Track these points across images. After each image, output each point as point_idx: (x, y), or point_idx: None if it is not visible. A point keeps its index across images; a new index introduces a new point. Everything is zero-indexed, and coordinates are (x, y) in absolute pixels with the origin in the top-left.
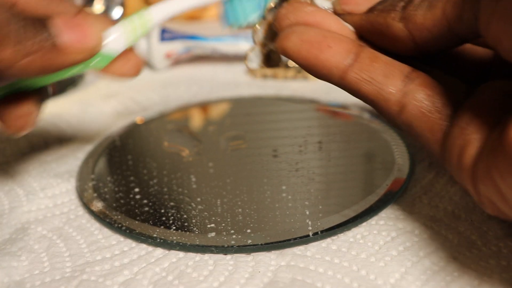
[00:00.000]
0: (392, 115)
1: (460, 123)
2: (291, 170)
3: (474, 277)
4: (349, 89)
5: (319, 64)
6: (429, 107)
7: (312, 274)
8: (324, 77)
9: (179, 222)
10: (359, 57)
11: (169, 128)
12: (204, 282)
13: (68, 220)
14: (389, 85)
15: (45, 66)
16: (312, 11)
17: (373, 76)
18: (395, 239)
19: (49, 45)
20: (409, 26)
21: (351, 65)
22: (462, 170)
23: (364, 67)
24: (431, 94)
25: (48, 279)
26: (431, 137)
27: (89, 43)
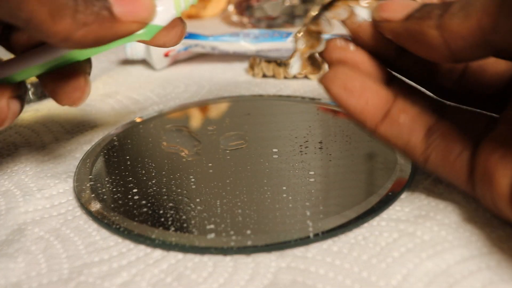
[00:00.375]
0: (420, 164)
1: (482, 160)
2: (291, 170)
3: (476, 279)
4: (381, 139)
5: (356, 112)
6: (450, 156)
7: (313, 276)
8: (358, 124)
9: (178, 223)
10: (390, 113)
11: (168, 128)
12: (203, 284)
13: (65, 221)
14: (414, 139)
15: (100, 37)
16: (355, 51)
17: (400, 131)
18: (397, 240)
19: (106, 15)
20: (444, 34)
21: (382, 120)
22: (499, 198)
23: (394, 122)
24: (451, 143)
25: (45, 281)
26: (457, 180)
27: (143, 14)
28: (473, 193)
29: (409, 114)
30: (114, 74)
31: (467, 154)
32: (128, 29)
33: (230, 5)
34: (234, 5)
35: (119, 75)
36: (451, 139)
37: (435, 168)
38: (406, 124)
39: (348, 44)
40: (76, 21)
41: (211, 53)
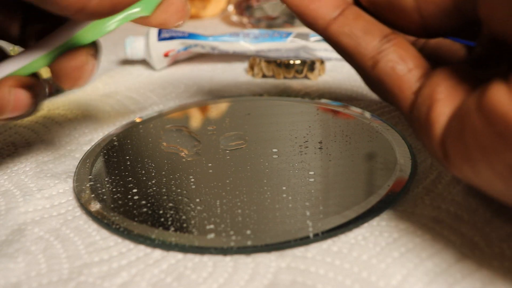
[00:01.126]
0: (366, 70)
1: (431, 83)
2: (291, 170)
3: (476, 278)
4: (330, 41)
5: (308, 13)
6: (400, 66)
7: (313, 276)
8: (310, 26)
9: (178, 223)
10: (344, 13)
11: (168, 128)
12: (203, 284)
13: (65, 221)
14: (366, 41)
15: (113, 6)
16: None
17: (353, 31)
18: (397, 240)
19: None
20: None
21: (335, 18)
22: (431, 129)
23: (347, 22)
24: (404, 55)
25: (45, 281)
26: (400, 94)
27: None
28: (409, 120)
29: (365, 17)
30: (114, 74)
31: (419, 73)
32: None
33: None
34: (234, 5)
35: (119, 75)
36: (407, 50)
37: (381, 76)
38: (360, 24)
39: None
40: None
41: (211, 53)
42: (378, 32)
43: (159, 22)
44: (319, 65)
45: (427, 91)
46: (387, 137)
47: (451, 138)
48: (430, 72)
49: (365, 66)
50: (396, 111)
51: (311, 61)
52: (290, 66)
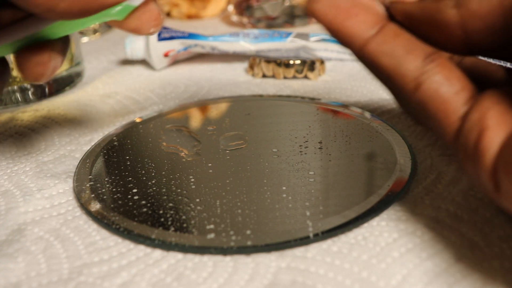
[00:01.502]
0: (407, 92)
1: (480, 108)
2: (291, 170)
3: (477, 278)
4: (368, 61)
5: (344, 30)
6: (446, 89)
7: (313, 276)
8: (346, 44)
9: (178, 223)
10: (383, 30)
11: (168, 128)
12: (203, 284)
13: (65, 221)
14: (408, 61)
15: (84, 9)
16: None
17: (394, 49)
18: (397, 240)
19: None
20: (462, 12)
21: (373, 36)
22: (480, 158)
23: (387, 39)
24: (450, 76)
25: (45, 281)
26: (445, 119)
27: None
28: (455, 148)
29: (406, 36)
30: (114, 74)
31: (466, 96)
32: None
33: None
34: (234, 5)
35: (119, 75)
36: (452, 71)
37: (424, 100)
38: (401, 43)
39: None
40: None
41: (211, 53)
42: (420, 51)
43: (132, 28)
44: (319, 65)
45: (476, 116)
46: (387, 137)
47: (504, 168)
48: (478, 95)
49: (406, 88)
50: (396, 111)
51: (311, 61)
52: (290, 66)
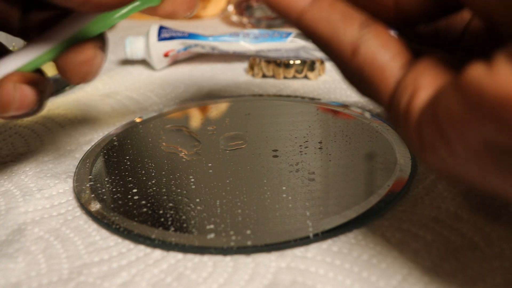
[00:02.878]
0: (345, 59)
1: (414, 71)
2: (291, 170)
3: (477, 278)
4: (306, 30)
5: (282, 2)
6: (381, 54)
7: (313, 276)
8: (285, 15)
9: (178, 223)
10: (319, 0)
11: (168, 128)
12: (203, 284)
13: (65, 221)
14: (344, 28)
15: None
16: None
17: (330, 18)
18: (397, 240)
19: None
20: None
21: (310, 5)
22: (409, 116)
23: (323, 8)
24: (385, 42)
25: (45, 281)
26: (381, 83)
27: None
28: (388, 111)
29: (341, 4)
30: (114, 74)
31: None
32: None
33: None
34: (234, 5)
35: (119, 75)
36: (389, 38)
37: (361, 65)
38: (337, 10)
39: None
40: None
41: (211, 53)
42: (356, 18)
43: (167, 13)
44: (319, 65)
45: (410, 78)
46: (387, 137)
47: (426, 122)
48: (414, 60)
49: (343, 55)
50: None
51: (311, 61)
52: (290, 66)
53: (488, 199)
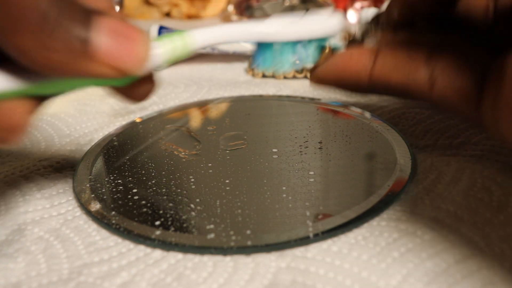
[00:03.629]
0: (425, 94)
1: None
2: (291, 170)
3: (476, 279)
4: (380, 84)
5: (348, 74)
6: (457, 84)
7: (313, 276)
8: (355, 83)
9: (178, 223)
10: (379, 55)
11: (168, 128)
12: (203, 284)
13: (65, 221)
14: (415, 66)
15: (63, 69)
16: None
17: (398, 62)
18: (397, 240)
19: (77, 47)
20: None
21: (375, 63)
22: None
23: (387, 58)
24: (456, 74)
25: (45, 281)
26: (467, 107)
27: (130, 63)
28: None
29: (400, 50)
30: None
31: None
32: (101, 72)
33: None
34: (234, 5)
35: None
36: (458, 56)
37: (443, 92)
38: (401, 55)
39: None
40: (38, 41)
41: (211, 53)
42: (420, 55)
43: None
44: None
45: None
46: (387, 137)
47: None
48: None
49: (423, 91)
50: (396, 111)
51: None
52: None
53: (488, 199)
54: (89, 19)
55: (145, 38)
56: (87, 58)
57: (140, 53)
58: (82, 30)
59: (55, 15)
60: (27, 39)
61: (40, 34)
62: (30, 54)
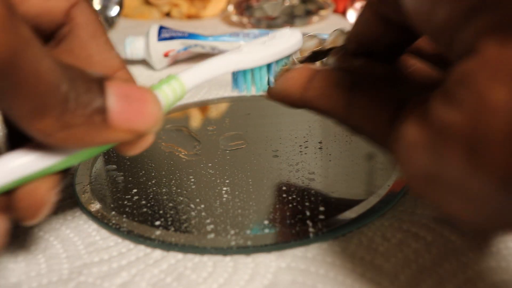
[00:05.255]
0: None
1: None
2: (291, 170)
3: (475, 278)
4: (309, 105)
5: (287, 92)
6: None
7: (313, 276)
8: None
9: (178, 223)
10: (315, 77)
11: (168, 128)
12: (203, 284)
13: (65, 221)
14: (338, 93)
15: (82, 142)
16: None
17: (325, 87)
18: (397, 240)
19: (98, 121)
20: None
21: (309, 84)
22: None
23: (319, 81)
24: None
25: (45, 281)
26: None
27: (144, 125)
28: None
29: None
30: None
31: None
32: (119, 137)
33: (230, 5)
34: (234, 5)
35: None
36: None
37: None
38: (332, 80)
39: None
40: (60, 123)
41: (211, 53)
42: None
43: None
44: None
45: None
46: None
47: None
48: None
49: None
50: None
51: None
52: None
53: None
54: (103, 89)
55: (154, 96)
56: (106, 127)
57: (153, 112)
58: (99, 102)
59: (75, 94)
60: (51, 122)
61: (62, 115)
62: (53, 135)
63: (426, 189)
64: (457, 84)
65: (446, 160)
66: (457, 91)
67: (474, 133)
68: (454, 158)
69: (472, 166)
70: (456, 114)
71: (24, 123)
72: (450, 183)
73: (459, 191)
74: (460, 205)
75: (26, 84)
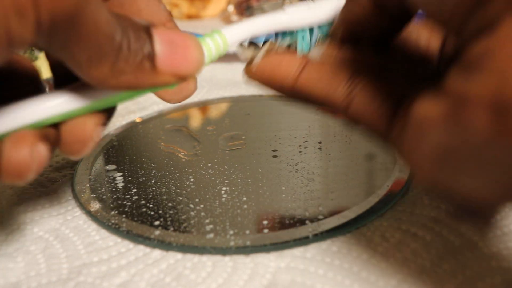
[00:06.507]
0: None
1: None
2: (291, 170)
3: (475, 278)
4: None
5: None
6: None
7: (312, 276)
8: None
9: (177, 223)
10: (307, 65)
11: (167, 128)
12: (202, 284)
13: (65, 221)
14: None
15: (133, 85)
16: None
17: (321, 77)
18: (397, 240)
19: (147, 67)
20: None
21: (301, 73)
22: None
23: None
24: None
25: (45, 281)
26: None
27: (188, 68)
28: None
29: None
30: None
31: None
32: (164, 81)
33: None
34: (234, 5)
35: None
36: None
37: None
38: (328, 70)
39: None
40: (114, 70)
41: None
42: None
43: (166, 97)
44: None
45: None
46: None
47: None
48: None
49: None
50: None
51: None
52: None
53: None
54: (150, 36)
55: (197, 43)
56: (153, 72)
57: (196, 58)
58: (147, 49)
59: (127, 43)
60: (106, 69)
61: (116, 63)
62: (107, 81)
63: (439, 170)
64: (481, 56)
65: (468, 130)
66: (481, 62)
67: (500, 98)
68: (478, 124)
69: (498, 131)
70: (480, 84)
71: (82, 70)
72: (470, 155)
73: (478, 163)
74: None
75: (87, 34)
